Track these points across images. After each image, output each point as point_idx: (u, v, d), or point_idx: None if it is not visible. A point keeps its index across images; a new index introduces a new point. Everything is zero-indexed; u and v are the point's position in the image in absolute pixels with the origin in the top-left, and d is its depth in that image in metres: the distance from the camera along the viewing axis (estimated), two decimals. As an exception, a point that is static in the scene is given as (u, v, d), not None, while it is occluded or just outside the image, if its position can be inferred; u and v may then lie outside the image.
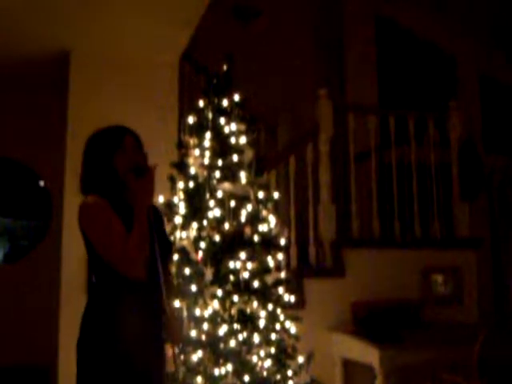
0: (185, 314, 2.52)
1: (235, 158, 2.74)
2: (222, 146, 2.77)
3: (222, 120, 2.79)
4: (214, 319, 2.49)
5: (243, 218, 2.67)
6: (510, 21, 5.74)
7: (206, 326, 2.48)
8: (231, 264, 2.57)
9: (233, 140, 2.78)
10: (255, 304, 2.58)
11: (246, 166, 2.78)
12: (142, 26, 3.74)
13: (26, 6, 3.45)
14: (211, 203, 2.64)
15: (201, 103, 2.84)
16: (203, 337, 2.48)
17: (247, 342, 2.51)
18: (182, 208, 2.72)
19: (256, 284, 2.59)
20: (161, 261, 1.95)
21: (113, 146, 1.96)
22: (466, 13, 5.70)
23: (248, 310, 2.56)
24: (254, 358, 2.52)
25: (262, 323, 2.56)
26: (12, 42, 4.00)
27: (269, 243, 2.73)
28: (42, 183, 5.01)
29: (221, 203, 2.65)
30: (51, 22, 3.67)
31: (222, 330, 2.47)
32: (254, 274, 2.60)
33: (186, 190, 2.74)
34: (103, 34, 3.85)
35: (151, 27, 3.75)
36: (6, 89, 4.80)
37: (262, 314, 2.59)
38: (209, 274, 2.55)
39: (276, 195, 2.90)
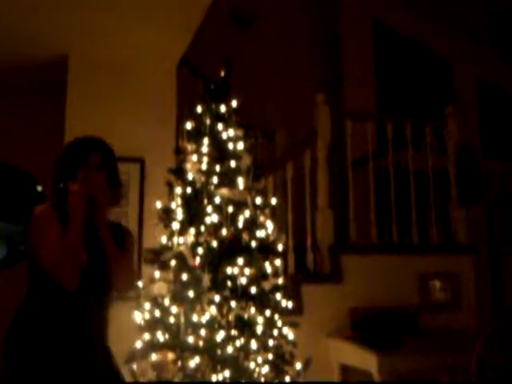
0: (182, 319, 2.51)
1: (233, 163, 2.74)
2: (219, 152, 2.76)
3: (220, 126, 2.79)
4: (212, 325, 2.48)
5: (241, 224, 2.66)
6: (507, 24, 5.77)
7: (203, 331, 2.47)
8: (229, 270, 2.56)
9: (230, 146, 2.77)
10: (253, 310, 2.57)
11: (244, 172, 2.78)
12: (140, 31, 3.74)
13: (23, 10, 3.45)
14: (209, 209, 2.63)
15: (199, 109, 2.84)
16: (200, 343, 2.47)
17: (244, 348, 2.50)
18: (179, 214, 2.71)
19: (253, 290, 2.58)
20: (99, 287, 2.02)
21: (79, 161, 2.12)
22: (464, 17, 5.72)
23: (245, 316, 2.55)
24: (252, 365, 2.51)
25: (259, 329, 2.55)
26: (9, 46, 4.00)
27: (266, 249, 2.72)
28: (39, 188, 5.00)
29: (218, 209, 2.64)
30: (49, 25, 3.68)
31: (220, 336, 2.46)
32: (251, 280, 2.59)
33: (184, 196, 2.73)
34: (101, 39, 3.86)
35: (149, 32, 3.76)
36: (3, 93, 4.80)
37: (260, 320, 2.57)
38: (206, 279, 2.54)
39: (274, 201, 2.88)
